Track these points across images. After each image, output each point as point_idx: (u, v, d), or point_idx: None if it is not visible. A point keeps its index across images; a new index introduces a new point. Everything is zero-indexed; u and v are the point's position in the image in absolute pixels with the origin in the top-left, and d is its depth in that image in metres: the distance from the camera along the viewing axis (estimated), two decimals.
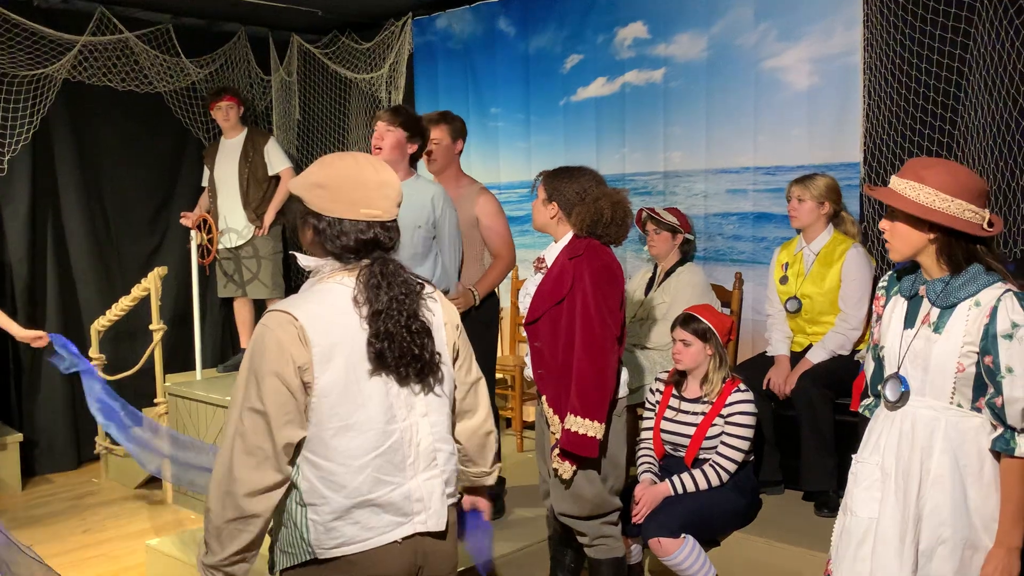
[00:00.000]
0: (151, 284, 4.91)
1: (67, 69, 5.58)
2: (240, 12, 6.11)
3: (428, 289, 1.95)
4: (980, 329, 2.17)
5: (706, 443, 3.44)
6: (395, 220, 1.89)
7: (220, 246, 5.64)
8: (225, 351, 6.50)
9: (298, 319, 1.77)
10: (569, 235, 3.06)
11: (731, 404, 3.42)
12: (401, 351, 1.81)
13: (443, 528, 1.91)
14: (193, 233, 5.48)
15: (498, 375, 4.95)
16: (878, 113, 4.16)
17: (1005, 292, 2.16)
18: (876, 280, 3.84)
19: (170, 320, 5.97)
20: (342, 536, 1.81)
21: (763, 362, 4.03)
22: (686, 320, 3.47)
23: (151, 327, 4.96)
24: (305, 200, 1.86)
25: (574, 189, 3.01)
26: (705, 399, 3.47)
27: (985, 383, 2.18)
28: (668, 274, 4.36)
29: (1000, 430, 2.17)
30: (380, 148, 3.59)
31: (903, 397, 2.30)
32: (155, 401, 5.07)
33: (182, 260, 6.09)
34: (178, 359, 6.10)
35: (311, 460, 1.81)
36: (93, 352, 5.35)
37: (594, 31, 5.24)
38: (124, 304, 5.13)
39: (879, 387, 2.40)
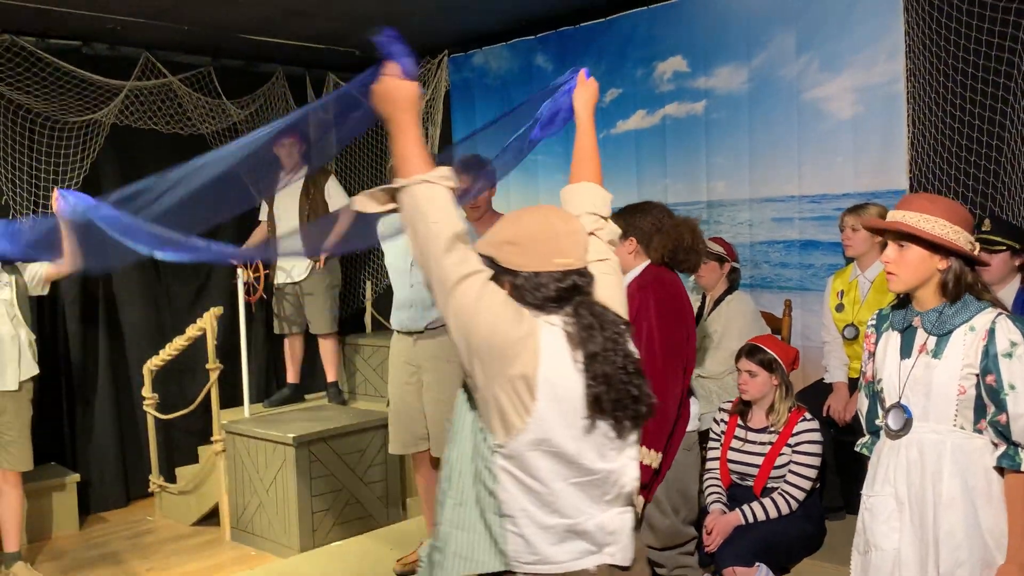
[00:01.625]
0: (207, 324, 5.00)
1: (115, 114, 5.71)
2: (278, 53, 6.24)
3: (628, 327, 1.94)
4: (979, 351, 2.27)
5: (774, 472, 3.49)
6: (587, 266, 1.90)
7: (277, 281, 5.74)
8: (269, 387, 6.57)
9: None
10: (640, 267, 3.13)
11: (798, 433, 3.48)
12: (619, 394, 1.80)
13: (629, 564, 1.91)
14: (240, 271, 5.58)
15: None
16: (923, 141, 4.24)
17: (999, 315, 2.28)
18: None
19: (224, 357, 6.06)
20: (541, 554, 1.81)
21: (820, 389, 4.09)
22: (751, 351, 3.54)
23: (208, 366, 5.04)
24: (498, 259, 1.86)
25: (649, 221, 3.11)
26: (771, 429, 3.53)
27: (985, 404, 2.28)
28: (717, 303, 4.43)
29: (1004, 447, 2.26)
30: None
31: (907, 424, 2.38)
32: (212, 439, 5.14)
33: (228, 297, 6.18)
34: (223, 395, 6.16)
35: (514, 473, 1.79)
36: (146, 391, 5.43)
37: (633, 65, 5.34)
38: (178, 344, 5.22)
39: (878, 420, 2.50)
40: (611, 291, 1.97)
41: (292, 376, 6.13)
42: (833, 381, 4.02)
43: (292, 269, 5.84)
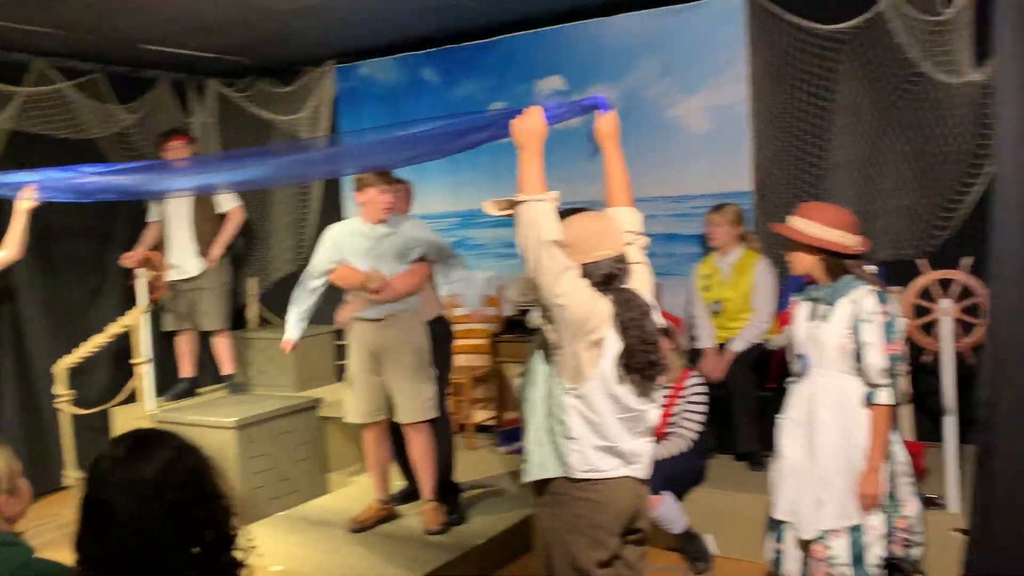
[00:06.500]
0: (132, 321, 5.26)
1: (12, 120, 5.79)
2: (162, 59, 6.46)
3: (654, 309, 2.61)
4: (852, 317, 3.17)
5: (671, 419, 4.34)
6: (622, 254, 2.58)
7: (167, 279, 6.01)
8: (162, 383, 6.78)
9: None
10: None
11: (689, 387, 4.35)
12: (639, 363, 2.49)
13: (647, 477, 2.64)
14: (140, 271, 5.82)
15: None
16: (764, 151, 5.24)
17: (868, 292, 3.17)
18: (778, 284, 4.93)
19: (114, 355, 6.25)
20: (592, 464, 2.53)
21: (692, 355, 4.99)
22: None
23: (132, 361, 5.30)
24: None
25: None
26: (667, 384, 4.38)
27: (859, 355, 3.17)
28: None
29: (867, 388, 3.16)
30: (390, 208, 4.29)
31: (805, 369, 3.28)
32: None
33: (123, 298, 6.36)
34: (117, 393, 6.33)
35: (580, 409, 2.49)
36: (60, 389, 5.59)
37: (515, 82, 6.07)
38: (98, 341, 5.43)
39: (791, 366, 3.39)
40: (641, 283, 2.69)
41: (188, 371, 6.39)
42: (704, 347, 4.93)
43: (192, 264, 6.12)
